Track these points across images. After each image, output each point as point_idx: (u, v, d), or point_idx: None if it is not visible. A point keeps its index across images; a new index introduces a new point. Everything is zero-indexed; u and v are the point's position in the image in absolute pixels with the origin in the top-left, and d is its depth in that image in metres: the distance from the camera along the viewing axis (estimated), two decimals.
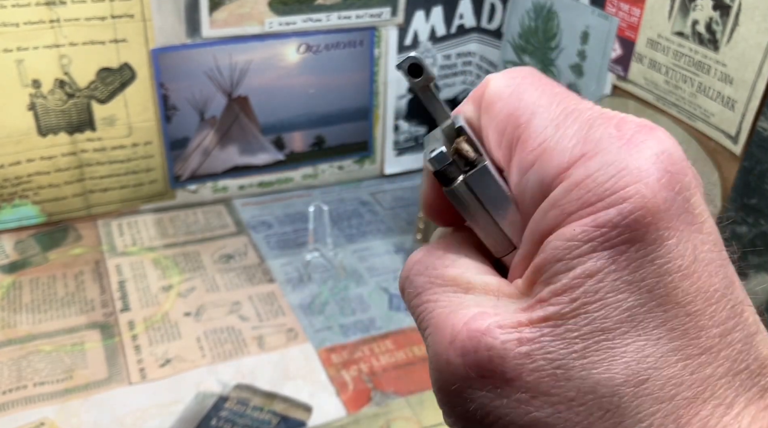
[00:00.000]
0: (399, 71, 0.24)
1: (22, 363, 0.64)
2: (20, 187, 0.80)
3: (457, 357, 0.19)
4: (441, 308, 0.21)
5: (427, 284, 0.22)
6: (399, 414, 0.61)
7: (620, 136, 0.19)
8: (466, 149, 0.23)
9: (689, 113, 0.64)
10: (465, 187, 0.23)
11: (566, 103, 0.21)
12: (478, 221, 0.24)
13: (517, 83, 0.22)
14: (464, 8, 0.91)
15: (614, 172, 0.18)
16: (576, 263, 0.18)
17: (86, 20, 0.74)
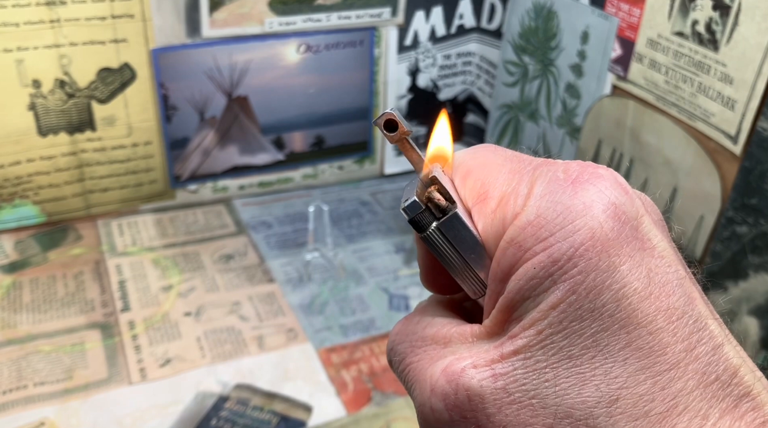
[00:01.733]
0: (375, 126, 0.26)
1: (22, 363, 0.64)
2: (20, 187, 0.80)
3: (438, 402, 0.21)
4: (421, 364, 0.23)
5: (408, 348, 0.24)
6: (399, 415, 0.61)
7: (566, 178, 0.21)
8: (438, 197, 0.25)
9: (689, 113, 0.64)
10: (438, 233, 0.25)
11: (519, 161, 0.23)
12: (453, 266, 0.25)
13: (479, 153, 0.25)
14: (464, 8, 0.91)
15: (562, 209, 0.20)
16: (540, 298, 0.20)
17: (86, 20, 0.74)
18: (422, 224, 0.25)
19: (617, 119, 0.73)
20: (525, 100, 0.87)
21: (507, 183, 0.23)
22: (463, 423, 0.20)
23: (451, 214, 0.25)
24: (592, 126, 0.77)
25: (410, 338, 0.24)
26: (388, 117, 0.26)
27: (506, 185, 0.23)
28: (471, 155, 0.25)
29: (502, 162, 0.24)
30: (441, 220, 0.25)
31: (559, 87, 0.81)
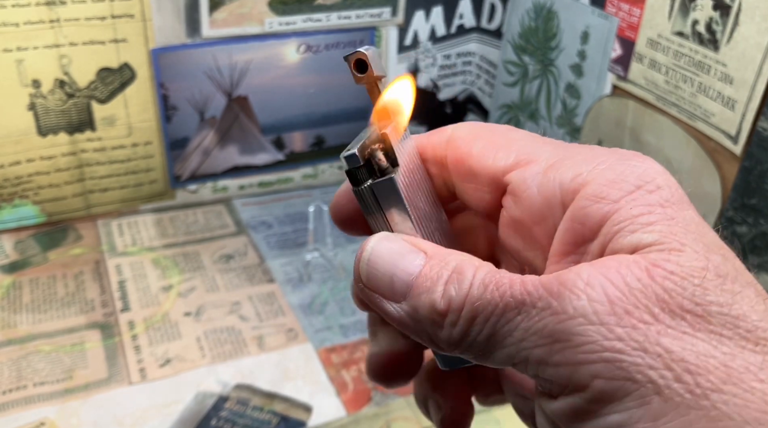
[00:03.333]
0: (345, 62, 0.25)
1: (21, 363, 0.64)
2: (20, 187, 0.80)
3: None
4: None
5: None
6: (399, 415, 0.61)
7: (622, 154, 0.23)
8: (380, 157, 0.24)
9: (689, 113, 0.64)
10: (369, 192, 0.24)
11: (543, 138, 0.26)
12: (375, 223, 0.25)
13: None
14: (464, 8, 0.91)
15: (639, 172, 0.22)
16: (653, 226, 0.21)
17: (86, 20, 0.74)
18: (357, 178, 0.24)
19: (617, 118, 0.73)
20: (525, 100, 0.87)
21: (553, 153, 0.24)
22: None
23: (387, 178, 0.24)
24: (592, 126, 0.77)
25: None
26: (360, 56, 0.25)
27: (553, 155, 0.24)
28: (489, 128, 0.27)
29: (530, 136, 0.26)
30: (376, 181, 0.24)
31: (559, 87, 0.81)
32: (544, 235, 0.24)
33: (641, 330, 0.19)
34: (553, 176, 0.23)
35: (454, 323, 0.22)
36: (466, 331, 0.22)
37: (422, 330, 0.23)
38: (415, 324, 0.23)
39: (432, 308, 0.22)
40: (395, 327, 0.24)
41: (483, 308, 0.21)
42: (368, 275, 0.24)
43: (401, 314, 0.23)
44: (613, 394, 0.19)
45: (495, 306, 0.21)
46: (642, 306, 0.19)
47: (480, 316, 0.21)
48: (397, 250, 0.24)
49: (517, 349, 0.21)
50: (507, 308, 0.21)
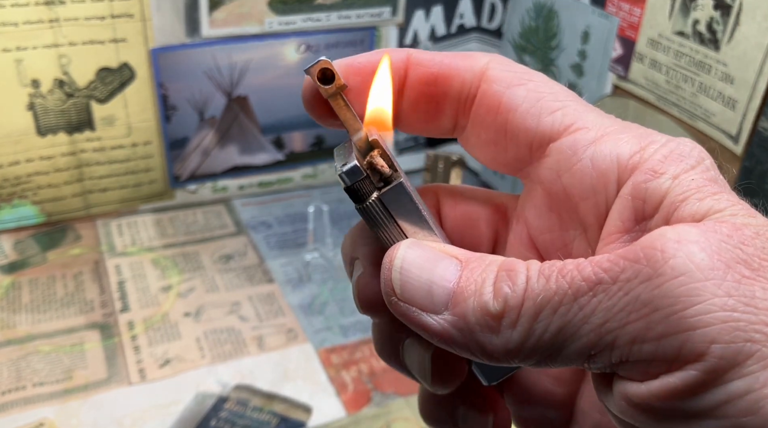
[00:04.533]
0: (307, 76, 0.23)
1: (21, 364, 0.64)
2: (19, 187, 0.79)
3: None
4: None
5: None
6: (399, 415, 0.61)
7: (660, 133, 0.23)
8: (381, 163, 0.22)
9: (690, 112, 0.64)
10: (379, 204, 0.22)
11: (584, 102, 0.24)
12: (388, 238, 0.23)
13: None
14: (464, 8, 0.91)
15: (689, 150, 0.21)
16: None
17: (86, 20, 0.74)
18: (361, 193, 0.22)
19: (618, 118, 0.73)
20: None
21: (600, 122, 0.23)
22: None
23: (396, 183, 0.22)
24: None
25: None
26: (324, 65, 0.22)
27: (601, 124, 0.23)
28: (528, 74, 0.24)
29: (571, 94, 0.24)
30: (383, 190, 0.22)
31: None
32: (591, 211, 0.23)
33: (746, 284, 0.18)
34: (609, 148, 0.22)
35: (512, 323, 0.20)
36: (528, 331, 0.19)
37: (471, 341, 0.20)
38: (462, 335, 0.20)
39: (484, 311, 0.20)
40: (435, 342, 0.21)
41: (548, 300, 0.19)
42: (402, 286, 0.21)
43: (444, 326, 0.21)
44: (733, 359, 0.17)
45: (563, 295, 0.19)
46: (740, 261, 0.18)
47: (545, 310, 0.19)
48: (430, 257, 0.21)
49: (598, 335, 0.19)
50: (579, 293, 0.19)
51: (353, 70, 0.24)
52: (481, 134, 0.24)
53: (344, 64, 0.24)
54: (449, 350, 0.21)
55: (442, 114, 0.25)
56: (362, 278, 0.24)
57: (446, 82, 0.24)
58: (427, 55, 0.24)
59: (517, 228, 0.26)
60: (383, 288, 0.22)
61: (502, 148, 0.24)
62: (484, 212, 0.27)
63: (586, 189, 0.22)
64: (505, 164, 0.25)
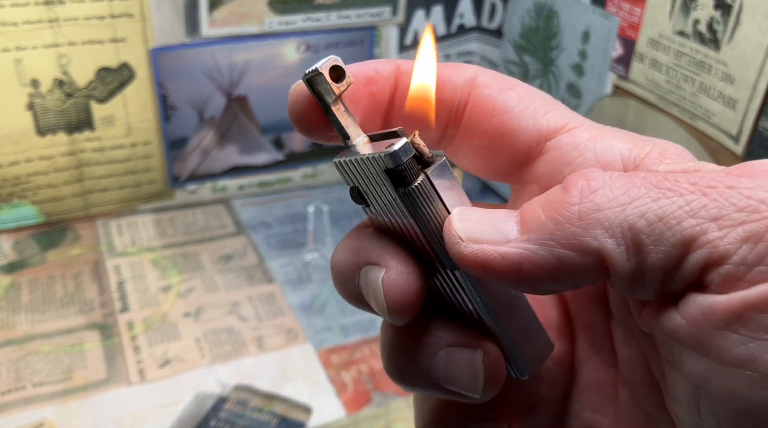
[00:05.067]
0: (312, 76, 0.22)
1: (20, 364, 0.64)
2: (19, 187, 0.79)
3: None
4: None
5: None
6: (399, 415, 0.61)
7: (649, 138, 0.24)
8: (423, 144, 0.22)
9: (690, 112, 0.64)
10: (428, 184, 0.22)
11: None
12: (435, 222, 0.22)
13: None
14: (464, 7, 0.91)
15: (678, 149, 0.23)
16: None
17: (85, 20, 0.74)
18: (406, 175, 0.21)
19: (618, 118, 0.73)
20: None
21: (590, 122, 0.24)
22: None
23: (442, 161, 0.22)
24: None
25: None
26: (335, 63, 0.22)
27: (593, 125, 0.23)
28: (513, 81, 0.25)
29: (557, 101, 0.25)
30: (431, 167, 0.22)
31: (560, 87, 0.81)
32: None
33: None
34: (609, 143, 0.22)
35: (597, 207, 0.18)
36: (621, 216, 0.18)
37: (561, 240, 0.19)
38: (547, 249, 0.19)
39: (559, 206, 0.19)
40: (521, 279, 0.20)
41: (646, 190, 0.18)
42: (467, 229, 0.21)
43: (523, 245, 0.19)
44: None
45: (666, 190, 0.18)
46: None
47: (643, 198, 0.18)
48: (485, 211, 0.21)
49: (703, 229, 0.18)
50: (686, 191, 0.18)
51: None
52: (474, 140, 0.24)
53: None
54: (537, 286, 0.20)
55: (432, 123, 0.25)
56: (388, 277, 0.23)
57: (438, 90, 0.24)
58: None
59: None
60: (448, 243, 0.21)
61: (497, 152, 0.24)
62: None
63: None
64: (498, 169, 0.25)
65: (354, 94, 0.23)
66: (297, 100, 0.23)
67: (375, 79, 0.24)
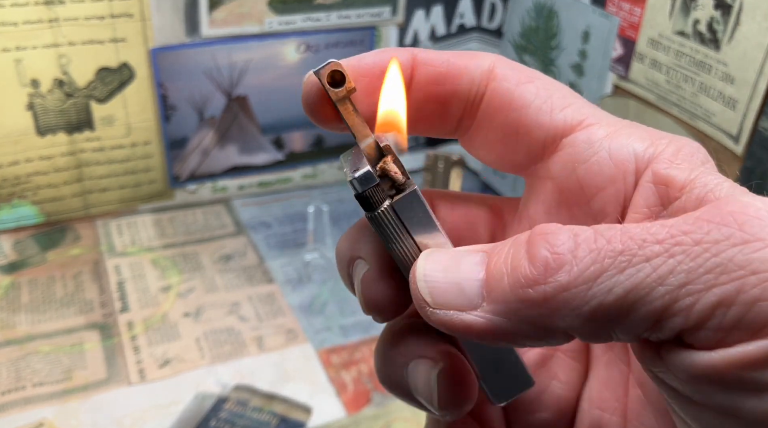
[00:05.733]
0: (310, 77, 0.22)
1: (20, 364, 0.64)
2: (19, 187, 0.79)
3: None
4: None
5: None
6: (399, 416, 0.61)
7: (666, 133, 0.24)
8: (394, 169, 0.21)
9: (690, 112, 0.64)
10: (391, 212, 0.21)
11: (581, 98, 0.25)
12: (400, 249, 0.22)
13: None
14: (465, 7, 0.91)
15: (695, 147, 0.23)
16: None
17: (85, 20, 0.74)
18: (372, 201, 0.21)
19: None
20: None
21: (609, 119, 0.23)
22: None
23: (410, 191, 0.22)
24: None
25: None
26: (335, 68, 0.22)
27: (610, 121, 0.23)
28: (532, 73, 0.24)
29: (574, 92, 0.24)
30: (397, 197, 0.22)
31: None
32: (610, 201, 0.22)
33: None
34: (624, 142, 0.22)
35: (562, 287, 0.18)
36: (586, 293, 0.18)
37: (522, 322, 0.19)
38: (509, 320, 0.19)
39: (520, 282, 0.19)
40: (488, 342, 0.20)
41: (613, 259, 0.18)
42: (432, 293, 0.20)
43: (487, 317, 0.19)
44: None
45: (633, 255, 0.18)
46: None
47: (610, 270, 0.18)
48: (451, 258, 0.21)
49: (674, 298, 0.17)
50: (652, 254, 0.17)
51: (361, 71, 0.23)
52: (489, 133, 0.24)
53: (351, 65, 0.23)
54: (507, 345, 0.20)
55: (448, 114, 0.24)
56: (368, 275, 0.23)
57: (455, 81, 0.24)
58: (434, 54, 0.24)
59: (519, 228, 0.26)
60: (416, 304, 0.21)
61: (512, 146, 0.24)
62: (481, 215, 0.27)
63: (605, 180, 0.22)
64: (513, 162, 0.25)
65: (368, 87, 0.23)
66: (310, 91, 0.23)
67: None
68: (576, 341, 0.26)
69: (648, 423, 0.24)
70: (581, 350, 0.26)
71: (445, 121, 0.25)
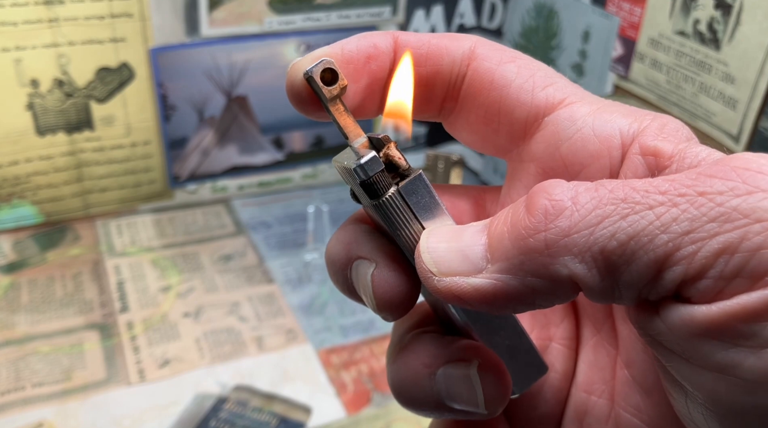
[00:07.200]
0: (305, 78, 0.22)
1: (20, 364, 0.63)
2: (18, 187, 0.79)
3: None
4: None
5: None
6: (399, 416, 0.61)
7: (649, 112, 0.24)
8: (398, 156, 0.22)
9: (691, 112, 0.64)
10: (398, 197, 0.22)
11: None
12: (408, 234, 0.22)
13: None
14: (465, 7, 0.91)
15: (679, 124, 0.22)
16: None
17: (85, 19, 0.74)
18: (377, 187, 0.21)
19: None
20: None
21: (591, 97, 0.23)
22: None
23: (416, 174, 0.22)
24: None
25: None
26: (327, 65, 0.22)
27: (592, 99, 0.23)
28: (513, 53, 0.24)
29: (553, 70, 0.24)
30: (403, 182, 0.22)
31: None
32: (595, 178, 0.22)
33: None
34: (608, 118, 0.22)
35: (564, 232, 0.18)
36: (589, 238, 0.18)
37: (530, 277, 0.19)
38: (516, 279, 0.19)
39: (521, 234, 0.19)
40: (499, 307, 0.20)
41: (615, 206, 0.18)
42: (436, 261, 0.20)
43: (493, 278, 0.19)
44: None
45: (635, 203, 0.18)
46: None
47: (612, 216, 0.18)
48: (453, 231, 0.21)
49: (677, 246, 0.17)
50: (655, 203, 0.17)
51: (345, 58, 0.23)
52: (471, 113, 0.24)
53: (335, 54, 0.23)
54: (513, 309, 0.20)
55: (432, 95, 0.24)
56: (378, 273, 0.23)
57: (436, 62, 0.24)
58: (414, 36, 0.24)
59: None
60: (422, 277, 0.21)
61: (494, 126, 0.24)
62: (464, 206, 0.27)
63: (589, 156, 0.22)
64: (495, 143, 0.25)
65: (354, 74, 0.23)
66: (293, 83, 0.23)
67: (375, 56, 0.23)
68: (568, 326, 0.26)
69: (635, 403, 0.24)
70: (573, 336, 0.26)
71: (429, 103, 0.25)
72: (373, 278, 0.23)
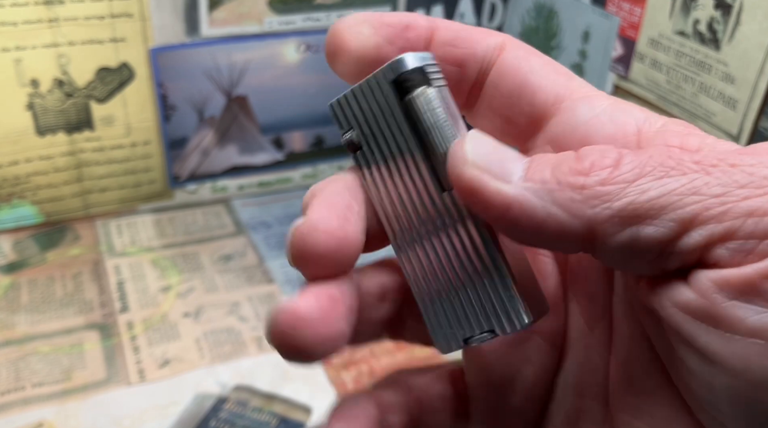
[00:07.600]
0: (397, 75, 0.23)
1: (20, 364, 0.63)
2: (18, 187, 0.79)
3: None
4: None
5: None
6: None
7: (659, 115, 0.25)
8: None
9: (691, 112, 0.64)
10: (434, 94, 0.22)
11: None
12: (437, 137, 0.22)
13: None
14: (465, 7, 0.91)
15: (689, 127, 0.24)
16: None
17: (85, 19, 0.74)
18: (411, 84, 0.22)
19: None
20: None
21: (608, 95, 0.24)
22: None
23: (445, 84, 0.23)
24: None
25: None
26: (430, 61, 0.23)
27: (610, 96, 0.24)
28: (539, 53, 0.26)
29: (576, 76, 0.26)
30: (438, 84, 0.23)
31: None
32: None
33: None
34: (625, 108, 0.23)
35: (602, 181, 0.19)
36: (621, 190, 0.19)
37: (557, 201, 0.19)
38: (539, 198, 0.19)
39: (565, 170, 0.19)
40: (508, 220, 0.20)
41: (652, 168, 0.19)
42: (474, 151, 0.21)
43: (521, 187, 0.20)
44: None
45: (670, 168, 0.19)
46: None
47: (647, 176, 0.19)
48: (499, 143, 0.22)
49: (706, 206, 0.18)
50: (690, 170, 0.19)
51: (384, 21, 0.24)
52: (494, 99, 0.25)
53: (375, 18, 0.24)
54: (517, 231, 0.20)
55: (464, 77, 0.25)
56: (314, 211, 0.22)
57: (470, 45, 0.25)
58: (451, 22, 0.26)
59: None
60: (453, 161, 0.21)
61: (515, 109, 0.25)
62: None
63: (604, 139, 0.23)
64: (515, 129, 0.25)
65: (391, 36, 0.24)
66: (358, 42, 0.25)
67: (413, 26, 0.24)
68: (554, 322, 0.25)
69: (635, 406, 0.23)
70: (557, 333, 0.26)
71: (460, 86, 0.25)
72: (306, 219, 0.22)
